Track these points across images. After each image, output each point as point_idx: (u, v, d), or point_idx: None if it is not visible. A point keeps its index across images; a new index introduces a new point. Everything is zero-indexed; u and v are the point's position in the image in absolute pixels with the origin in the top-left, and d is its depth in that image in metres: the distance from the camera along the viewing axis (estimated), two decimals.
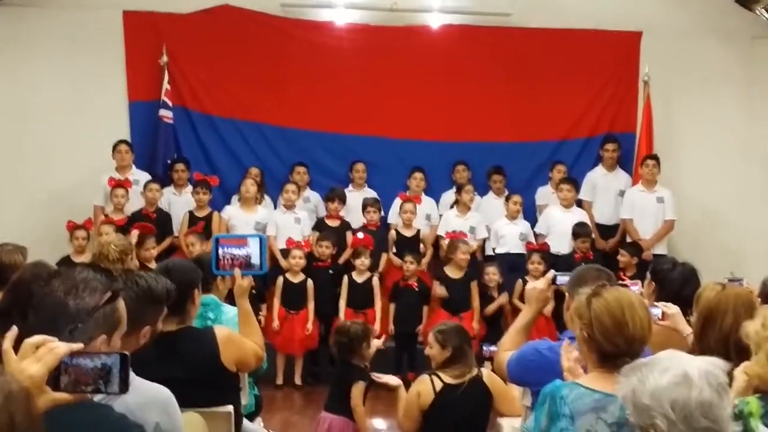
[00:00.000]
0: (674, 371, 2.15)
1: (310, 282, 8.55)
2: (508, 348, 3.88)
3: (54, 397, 1.97)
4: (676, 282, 4.45)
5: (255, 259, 4.01)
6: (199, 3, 9.77)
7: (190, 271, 3.96)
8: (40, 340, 2.00)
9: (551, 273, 3.98)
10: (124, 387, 2.04)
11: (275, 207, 9.45)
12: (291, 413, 7.71)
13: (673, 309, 3.97)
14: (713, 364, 2.19)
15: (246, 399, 4.62)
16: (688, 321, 3.95)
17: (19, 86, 9.69)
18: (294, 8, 10.01)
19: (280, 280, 8.53)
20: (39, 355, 1.97)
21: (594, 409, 2.72)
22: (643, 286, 4.59)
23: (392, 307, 8.66)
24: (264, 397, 5.75)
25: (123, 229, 8.18)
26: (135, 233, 8.03)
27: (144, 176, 9.25)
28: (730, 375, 2.26)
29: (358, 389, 5.44)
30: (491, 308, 8.61)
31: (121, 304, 2.36)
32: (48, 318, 2.22)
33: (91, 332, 2.24)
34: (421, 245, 9.18)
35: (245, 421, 4.44)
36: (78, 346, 2.03)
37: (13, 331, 2.05)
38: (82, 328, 2.22)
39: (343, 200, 9.22)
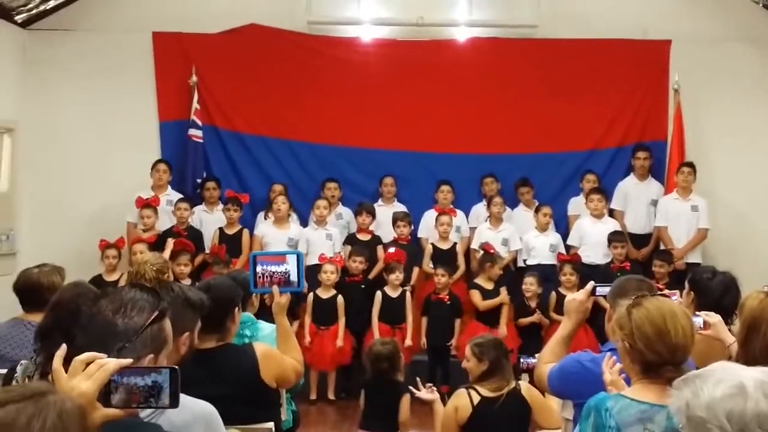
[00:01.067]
0: (729, 382, 2.12)
1: (340, 298, 8.55)
2: (548, 360, 3.84)
3: (106, 413, 1.99)
4: (716, 291, 4.39)
5: (293, 276, 4.02)
6: (227, 23, 9.85)
7: (230, 289, 3.97)
8: (89, 357, 2.02)
9: (591, 284, 3.92)
10: (174, 401, 2.05)
11: (302, 223, 9.45)
12: (325, 428, 7.73)
13: (714, 318, 3.92)
14: None
15: (285, 415, 4.63)
16: (729, 330, 3.90)
17: (51, 109, 9.80)
18: (320, 25, 10.06)
19: (311, 296, 8.54)
20: (89, 372, 1.98)
21: (640, 420, 2.70)
22: (681, 295, 4.54)
23: (424, 320, 8.63)
24: (299, 413, 5.75)
25: (154, 246, 8.23)
26: (170, 243, 8.10)
27: (178, 197, 9.30)
28: None
29: (406, 402, 5.53)
30: (525, 321, 8.55)
31: (167, 324, 2.38)
32: (96, 337, 2.24)
33: (138, 351, 2.25)
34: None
35: None
36: (127, 361, 2.05)
37: (62, 349, 2.07)
38: (129, 347, 2.23)
39: (371, 213, 9.21)
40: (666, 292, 3.95)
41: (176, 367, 2.07)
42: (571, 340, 3.94)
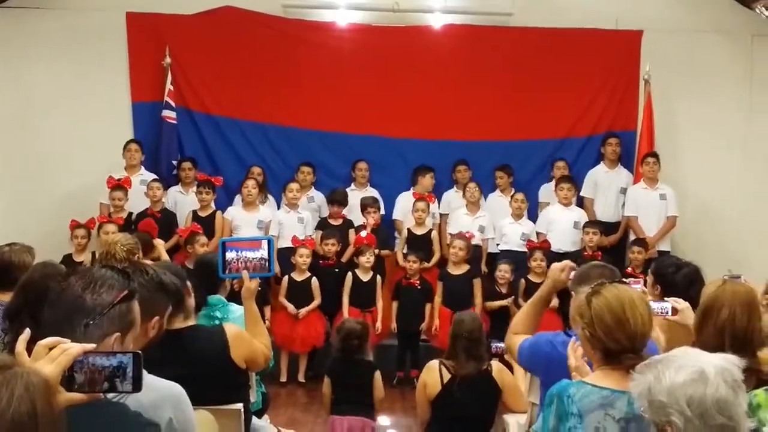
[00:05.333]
0: (690, 368, 2.17)
1: (314, 280, 8.57)
2: (519, 330, 3.89)
3: (68, 397, 2.00)
4: (681, 285, 4.43)
5: (267, 262, 4.02)
6: (202, 4, 9.78)
7: (177, 269, 3.95)
8: (53, 342, 2.02)
9: (570, 263, 4.00)
10: (137, 386, 2.06)
11: (278, 206, 9.47)
12: (296, 410, 7.74)
13: (683, 304, 3.98)
14: (729, 361, 2.21)
15: (254, 396, 4.65)
16: None
17: (23, 88, 9.71)
18: (296, 9, 10.02)
19: (285, 279, 8.54)
20: (52, 356, 1.99)
21: (602, 406, 2.76)
22: (645, 285, 4.58)
23: (394, 305, 8.67)
24: (269, 395, 5.77)
25: (123, 227, 8.19)
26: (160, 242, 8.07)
27: (152, 177, 9.26)
28: (746, 371, 2.27)
29: (379, 379, 5.66)
30: (494, 305, 8.60)
31: (135, 305, 2.39)
32: (64, 312, 2.25)
33: (105, 329, 2.26)
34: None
35: (254, 418, 4.46)
36: (90, 346, 2.06)
37: (26, 333, 2.07)
38: (96, 323, 2.25)
39: (342, 204, 9.23)
40: (630, 280, 4.01)
41: (139, 351, 2.08)
42: (543, 306, 3.98)
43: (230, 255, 4.02)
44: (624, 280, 3.24)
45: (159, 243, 7.87)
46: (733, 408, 2.15)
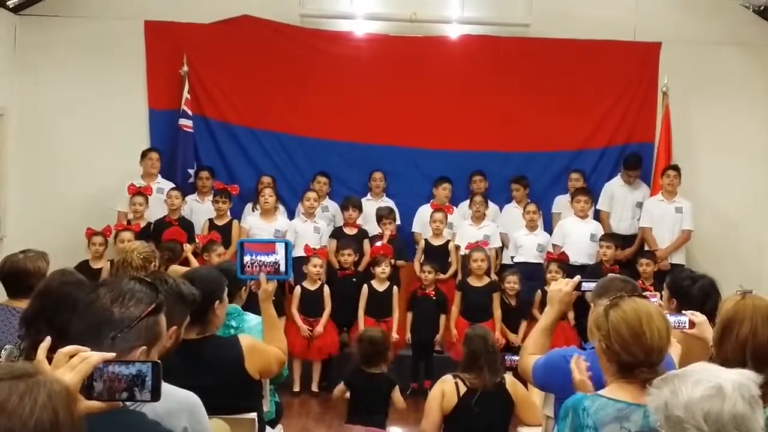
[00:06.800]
0: (707, 383, 2.16)
1: (326, 288, 8.56)
2: (532, 351, 3.89)
3: (88, 405, 2.01)
4: (697, 298, 4.42)
5: (282, 266, 4.03)
6: (219, 13, 9.84)
7: (213, 281, 3.98)
8: (73, 350, 2.03)
9: (577, 278, 4.00)
10: (156, 395, 2.08)
11: (289, 215, 9.48)
12: (308, 420, 7.74)
13: (700, 317, 3.98)
14: (746, 377, 2.19)
15: (267, 406, 4.65)
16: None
17: (41, 94, 9.77)
18: (313, 18, 10.06)
19: (298, 288, 8.54)
20: (72, 364, 2.00)
21: (617, 419, 2.75)
22: (660, 299, 4.58)
23: (409, 315, 8.66)
24: (282, 404, 5.77)
25: (140, 235, 8.23)
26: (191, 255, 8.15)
27: (169, 185, 9.31)
28: (764, 387, 2.26)
29: (398, 392, 5.60)
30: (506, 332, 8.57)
31: (162, 318, 2.41)
32: (92, 324, 2.28)
33: (132, 342, 2.29)
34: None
35: (267, 428, 4.46)
36: (111, 355, 2.07)
37: (47, 341, 2.09)
38: (123, 336, 2.28)
39: (357, 208, 9.24)
40: (646, 293, 4.00)
41: (158, 361, 2.10)
42: (553, 330, 4.00)
43: (247, 258, 4.03)
44: (644, 294, 3.23)
45: (189, 250, 7.96)
46: (750, 423, 2.14)
